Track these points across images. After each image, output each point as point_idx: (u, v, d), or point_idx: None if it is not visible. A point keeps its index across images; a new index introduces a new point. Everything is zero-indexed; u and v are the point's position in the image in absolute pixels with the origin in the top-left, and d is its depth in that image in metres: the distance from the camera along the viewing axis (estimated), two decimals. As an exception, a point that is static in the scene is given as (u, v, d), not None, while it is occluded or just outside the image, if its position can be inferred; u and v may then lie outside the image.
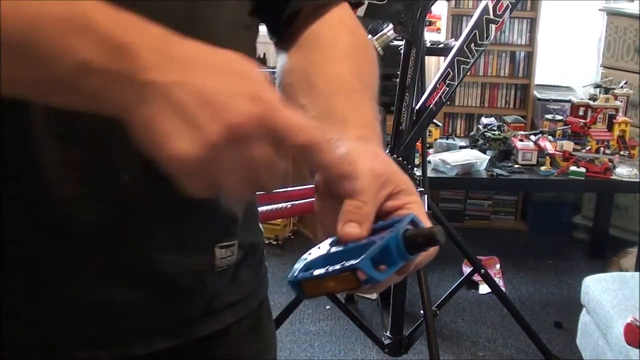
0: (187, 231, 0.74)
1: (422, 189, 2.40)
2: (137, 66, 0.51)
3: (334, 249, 0.62)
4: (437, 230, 0.58)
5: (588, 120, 3.23)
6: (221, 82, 0.53)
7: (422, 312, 2.34)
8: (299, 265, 0.62)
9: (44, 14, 0.52)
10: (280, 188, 0.58)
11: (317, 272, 0.60)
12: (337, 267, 0.59)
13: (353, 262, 0.58)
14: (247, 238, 0.83)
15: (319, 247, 0.64)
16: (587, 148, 3.14)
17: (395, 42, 2.34)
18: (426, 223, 0.62)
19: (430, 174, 2.85)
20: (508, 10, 2.37)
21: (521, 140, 3.24)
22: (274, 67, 1.03)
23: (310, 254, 0.63)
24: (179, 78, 0.52)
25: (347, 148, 0.63)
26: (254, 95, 0.53)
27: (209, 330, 0.80)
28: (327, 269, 0.59)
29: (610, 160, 3.06)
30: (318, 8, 0.80)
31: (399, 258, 0.59)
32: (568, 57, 3.92)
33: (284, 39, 0.82)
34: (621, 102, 3.26)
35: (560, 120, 3.34)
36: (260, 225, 0.90)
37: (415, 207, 0.64)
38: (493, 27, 2.36)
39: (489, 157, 3.15)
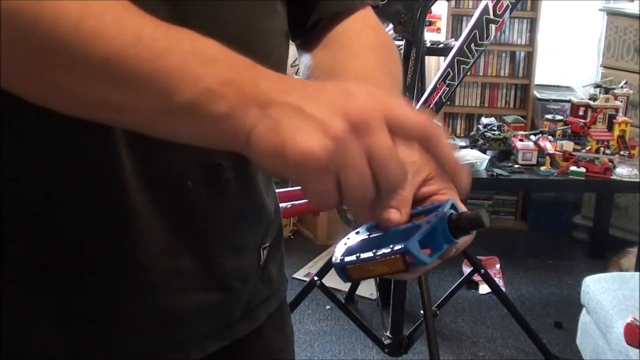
0: (240, 235, 0.76)
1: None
2: (260, 89, 0.53)
3: (374, 234, 0.62)
4: (483, 214, 0.59)
5: (588, 120, 3.23)
6: (337, 94, 0.54)
7: (422, 312, 2.35)
8: (340, 249, 0.63)
9: (172, 43, 0.53)
10: (398, 188, 0.58)
11: (363, 255, 0.60)
12: (386, 250, 0.59)
13: (401, 245, 0.59)
14: (274, 229, 0.85)
15: (357, 233, 0.64)
16: (587, 148, 3.13)
17: (396, 42, 2.34)
18: (463, 208, 0.64)
19: (430, 174, 2.85)
20: (508, 10, 2.37)
21: (521, 140, 3.24)
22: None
23: (349, 238, 0.64)
24: (299, 96, 0.53)
25: None
26: (370, 93, 0.54)
27: (248, 329, 0.82)
28: (375, 252, 0.60)
29: (610, 160, 3.06)
30: (342, 12, 0.81)
31: (445, 241, 0.60)
32: (568, 57, 3.91)
33: (307, 40, 0.83)
34: (621, 102, 3.26)
35: (560, 120, 3.34)
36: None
37: (451, 194, 0.65)
38: (493, 27, 2.37)
39: (489, 157, 3.15)
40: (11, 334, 0.69)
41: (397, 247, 0.59)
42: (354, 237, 0.64)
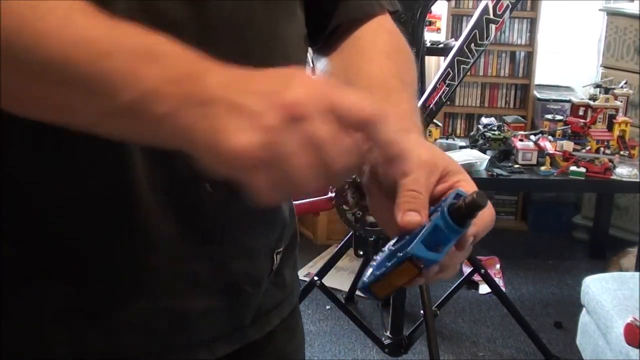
0: (254, 239, 0.76)
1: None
2: (203, 86, 0.52)
3: (395, 246, 0.63)
4: (478, 194, 0.59)
5: (588, 120, 3.23)
6: (277, 81, 0.54)
7: (422, 312, 2.35)
8: (366, 272, 0.63)
9: (113, 45, 0.53)
10: (356, 169, 0.59)
11: (379, 271, 0.61)
12: (394, 260, 0.60)
13: (405, 250, 0.59)
14: (289, 234, 0.85)
15: (382, 251, 0.64)
16: (587, 148, 3.13)
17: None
18: (471, 190, 0.63)
19: (430, 174, 2.85)
20: (508, 10, 2.37)
21: (521, 140, 3.24)
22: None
23: (375, 259, 0.64)
24: (239, 89, 0.53)
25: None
26: (308, 81, 0.54)
27: (260, 334, 0.82)
28: (386, 264, 0.60)
29: (610, 160, 3.06)
30: (360, 18, 0.82)
31: (452, 233, 0.60)
32: (568, 57, 3.91)
33: (324, 45, 0.83)
34: (621, 102, 3.26)
35: (560, 120, 3.34)
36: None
37: (464, 184, 0.65)
38: (493, 27, 2.37)
39: (489, 157, 3.15)
40: (12, 333, 0.68)
41: (401, 254, 0.59)
42: (379, 257, 0.64)
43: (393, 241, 0.64)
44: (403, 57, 0.82)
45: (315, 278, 2.47)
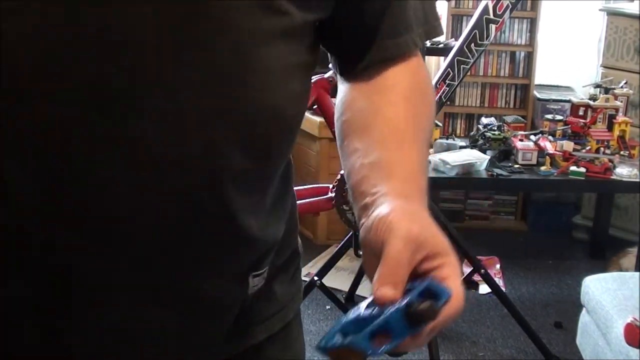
0: (227, 261, 0.75)
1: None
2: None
3: (366, 312, 0.63)
4: (428, 308, 0.61)
5: (588, 120, 3.23)
6: None
7: (422, 312, 2.34)
8: (332, 329, 0.64)
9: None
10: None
11: (331, 343, 0.62)
12: (341, 341, 0.61)
13: (350, 338, 0.61)
14: (284, 252, 0.85)
15: (358, 307, 0.65)
16: (587, 148, 3.13)
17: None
18: (455, 286, 0.64)
19: (430, 174, 2.85)
20: (508, 10, 2.37)
21: (521, 140, 3.24)
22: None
23: (347, 314, 0.65)
24: None
25: (387, 208, 0.66)
26: None
27: (242, 348, 0.81)
28: (336, 341, 0.62)
29: (610, 160, 3.06)
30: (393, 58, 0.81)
31: (404, 330, 0.61)
32: (568, 57, 3.91)
33: (350, 73, 0.82)
34: (621, 102, 3.26)
35: (560, 120, 3.34)
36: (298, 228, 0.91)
37: (447, 270, 0.65)
38: (493, 27, 2.37)
39: (489, 157, 3.15)
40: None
41: (347, 340, 0.61)
42: (352, 313, 0.64)
43: (368, 300, 0.64)
44: (422, 99, 0.81)
45: (315, 278, 2.47)
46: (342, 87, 0.82)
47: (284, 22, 0.68)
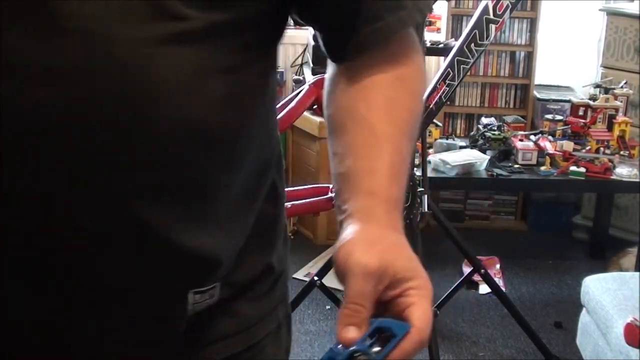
0: (155, 276, 0.71)
1: (422, 189, 2.40)
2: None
3: (338, 350, 0.63)
4: None
5: (588, 120, 3.23)
6: None
7: (422, 312, 2.34)
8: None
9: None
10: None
11: None
12: None
13: None
14: (250, 269, 0.81)
15: (336, 345, 0.65)
16: (587, 148, 3.14)
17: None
18: (419, 313, 0.64)
19: (430, 174, 2.85)
20: (508, 10, 2.37)
21: (521, 140, 3.24)
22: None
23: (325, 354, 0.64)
24: None
25: (349, 235, 0.66)
26: None
27: None
28: None
29: (610, 160, 3.06)
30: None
31: None
32: (568, 57, 3.91)
33: (333, 56, 0.80)
34: (621, 102, 3.26)
35: (560, 120, 3.34)
36: (286, 244, 0.89)
37: (413, 296, 0.65)
38: (493, 27, 2.37)
39: (489, 157, 3.15)
40: None
41: None
42: (331, 350, 0.64)
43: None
44: (404, 90, 0.78)
45: (315, 278, 2.47)
46: (330, 69, 0.81)
47: (181, 27, 0.64)
